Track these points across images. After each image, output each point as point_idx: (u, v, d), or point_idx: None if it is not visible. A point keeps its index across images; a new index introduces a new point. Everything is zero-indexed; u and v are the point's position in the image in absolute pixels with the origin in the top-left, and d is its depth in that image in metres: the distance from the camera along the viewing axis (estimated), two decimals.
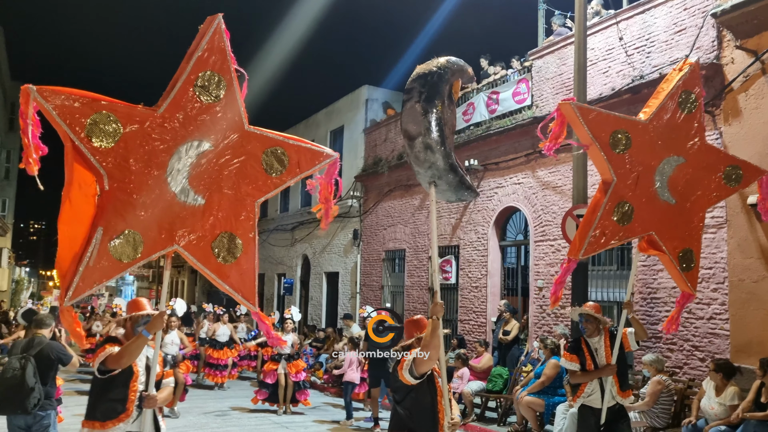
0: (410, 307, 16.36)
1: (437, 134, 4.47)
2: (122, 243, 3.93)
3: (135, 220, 4.00)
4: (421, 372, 4.34)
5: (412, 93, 4.58)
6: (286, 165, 4.53)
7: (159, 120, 4.09)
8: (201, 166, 4.24)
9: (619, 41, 10.85)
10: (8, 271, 37.00)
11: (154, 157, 4.07)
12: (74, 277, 3.78)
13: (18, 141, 36.66)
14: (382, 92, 20.25)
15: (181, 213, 4.20)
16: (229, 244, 4.34)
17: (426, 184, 4.71)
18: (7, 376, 5.72)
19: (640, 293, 10.23)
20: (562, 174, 11.94)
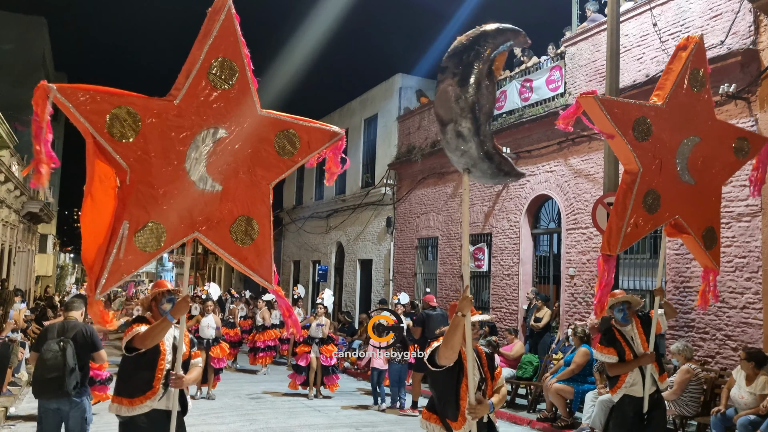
0: (443, 295, 16.46)
1: (470, 122, 4.11)
2: (147, 234, 3.98)
3: (158, 212, 4.04)
4: (441, 363, 4.29)
5: (446, 73, 4.21)
6: (297, 146, 4.61)
7: (176, 111, 4.10)
8: (217, 154, 4.28)
9: (654, 27, 10.72)
10: (53, 257, 38.13)
11: (173, 148, 4.10)
12: (103, 271, 3.84)
13: (62, 130, 37.59)
14: (415, 80, 20.28)
15: (201, 201, 4.25)
16: (247, 227, 4.43)
17: (460, 169, 4.49)
18: (47, 357, 5.72)
19: (673, 282, 10.16)
20: (594, 162, 11.88)
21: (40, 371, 5.76)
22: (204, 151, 4.21)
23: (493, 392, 4.57)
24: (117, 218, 3.93)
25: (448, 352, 4.21)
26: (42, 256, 34.18)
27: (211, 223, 4.31)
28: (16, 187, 20.23)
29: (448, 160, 16.77)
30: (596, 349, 6.23)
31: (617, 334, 6.03)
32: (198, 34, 4.18)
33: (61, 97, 3.70)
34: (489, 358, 4.65)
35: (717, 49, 9.62)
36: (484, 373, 4.52)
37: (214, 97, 4.21)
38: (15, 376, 11.57)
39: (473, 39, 4.15)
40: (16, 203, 22.01)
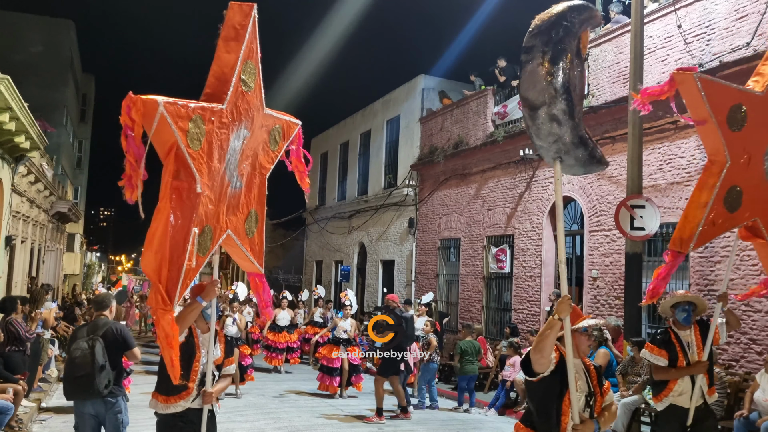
0: (465, 296, 16.49)
1: (565, 103, 3.75)
2: (203, 238, 3.99)
3: (210, 215, 4.05)
4: (536, 369, 3.86)
5: (533, 52, 3.79)
6: (280, 138, 4.82)
7: (222, 115, 4.04)
8: (243, 153, 4.38)
9: (678, 29, 10.67)
10: (80, 256, 38.75)
11: (220, 152, 4.10)
12: (177, 281, 3.73)
13: (89, 131, 38.18)
14: (438, 81, 20.33)
15: (231, 199, 4.34)
16: (253, 219, 4.65)
17: (549, 158, 4.08)
18: (75, 356, 5.56)
19: (697, 285, 10.11)
20: (617, 164, 11.85)
21: (69, 370, 5.62)
22: (237, 152, 4.27)
23: (602, 410, 4.10)
24: (181, 228, 3.80)
25: (538, 356, 3.81)
26: (70, 255, 34.76)
27: (235, 219, 4.43)
28: (46, 187, 20.63)
29: (470, 161, 16.93)
30: (647, 348, 5.79)
31: (673, 337, 5.63)
32: (221, 35, 4.12)
33: (165, 113, 3.53)
34: (597, 371, 4.16)
35: (743, 51, 9.56)
36: (593, 387, 4.02)
37: (244, 101, 4.25)
38: (45, 373, 11.83)
39: (559, 15, 3.78)
40: (46, 203, 22.43)
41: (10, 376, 8.51)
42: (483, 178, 16.06)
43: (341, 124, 25.88)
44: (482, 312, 15.78)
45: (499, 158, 15.36)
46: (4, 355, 8.81)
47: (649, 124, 10.65)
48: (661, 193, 10.83)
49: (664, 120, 10.89)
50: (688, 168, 10.48)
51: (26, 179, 17.26)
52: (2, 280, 14.85)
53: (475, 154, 16.28)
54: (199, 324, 4.69)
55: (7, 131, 12.29)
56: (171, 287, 3.71)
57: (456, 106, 17.67)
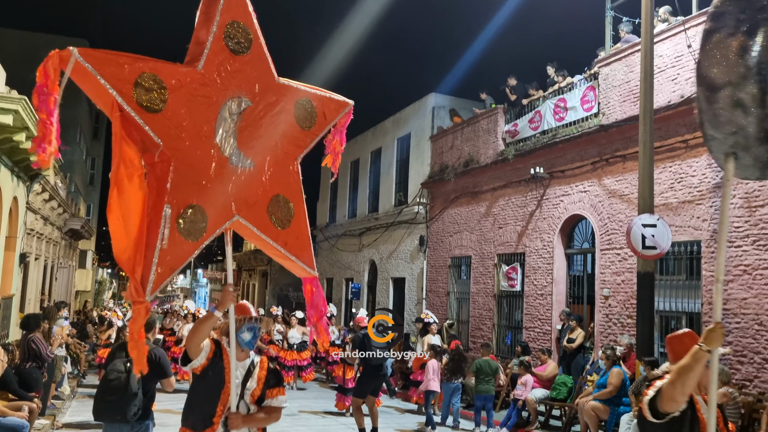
0: (476, 314, 16.47)
1: (757, 87, 3.08)
2: (189, 221, 3.51)
3: (197, 193, 3.57)
4: (665, 410, 3.30)
5: (724, 19, 3.12)
6: (314, 117, 4.19)
7: (200, 78, 3.62)
8: (246, 126, 3.85)
9: (688, 48, 10.73)
10: (92, 273, 38.96)
11: (203, 121, 3.63)
12: (149, 268, 3.33)
13: (102, 149, 38.52)
14: (448, 99, 20.45)
15: (236, 179, 3.79)
16: (283, 207, 4.01)
17: (720, 153, 3.37)
18: (110, 379, 5.46)
19: (710, 304, 10.08)
20: (628, 182, 11.87)
21: (102, 392, 5.53)
22: (233, 124, 3.77)
23: None
24: (153, 206, 3.43)
25: (677, 394, 3.23)
26: (81, 272, 34.95)
27: (248, 204, 3.86)
28: (59, 204, 20.83)
29: (481, 179, 17.02)
30: None
31: None
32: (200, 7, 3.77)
33: (85, 62, 3.15)
34: (721, 409, 3.64)
35: None
36: (720, 429, 3.48)
37: (233, 64, 3.78)
38: (58, 390, 11.91)
39: None
40: (59, 220, 22.63)
41: (25, 394, 8.57)
42: (494, 196, 16.10)
43: (352, 142, 26.03)
44: (493, 330, 15.74)
45: (510, 176, 15.41)
46: (22, 372, 8.88)
47: (659, 142, 10.69)
48: (673, 211, 10.83)
49: (675, 138, 10.92)
50: (700, 186, 10.49)
51: (40, 197, 17.46)
52: (16, 297, 14.97)
53: (486, 173, 16.33)
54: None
55: (23, 150, 12.47)
56: (145, 275, 3.34)
57: (466, 125, 17.76)
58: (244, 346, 4.07)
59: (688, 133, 10.73)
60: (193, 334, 3.93)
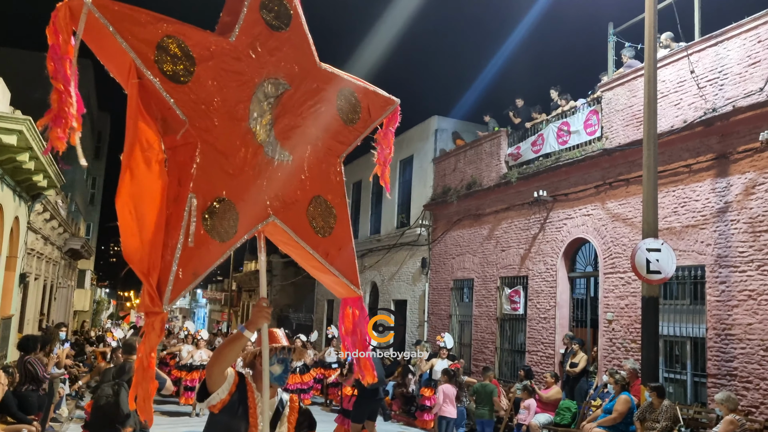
0: (478, 337, 16.37)
1: None
2: (218, 216, 2.91)
3: (226, 185, 2.98)
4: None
5: None
6: (359, 111, 3.65)
7: (233, 51, 3.06)
8: (283, 113, 3.28)
9: (691, 74, 10.78)
10: (90, 292, 38.82)
11: (234, 100, 3.06)
12: (168, 270, 2.71)
13: (103, 168, 38.61)
14: (451, 122, 20.51)
15: (272, 173, 3.20)
16: (324, 211, 3.43)
17: None
18: (101, 404, 5.52)
19: (714, 329, 10.02)
20: (632, 206, 11.86)
21: (94, 416, 5.59)
22: (268, 108, 3.21)
23: None
24: (175, 198, 2.83)
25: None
26: (80, 291, 34.84)
27: (286, 204, 3.25)
28: (60, 224, 20.80)
29: (484, 202, 17.10)
30: None
31: None
32: None
33: (99, 15, 2.57)
34: None
35: (756, 96, 9.64)
36: None
37: (270, 40, 3.23)
38: (56, 413, 11.79)
39: None
40: (59, 240, 22.58)
41: (24, 417, 8.49)
42: (496, 219, 16.08)
43: (354, 163, 26.07)
44: (495, 354, 15.64)
45: (513, 199, 15.40)
46: (21, 395, 8.80)
47: (663, 167, 10.70)
48: (676, 236, 10.81)
49: (678, 163, 10.93)
50: (703, 211, 10.47)
51: (41, 217, 17.44)
52: (15, 317, 14.89)
53: (489, 195, 16.33)
54: (259, 384, 3.33)
55: (26, 170, 12.47)
56: (163, 279, 2.73)
57: (469, 147, 17.80)
58: (273, 382, 3.34)
59: (691, 157, 10.75)
60: (217, 358, 3.17)
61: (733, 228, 9.95)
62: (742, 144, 9.91)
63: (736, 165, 10.02)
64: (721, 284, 9.99)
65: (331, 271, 3.45)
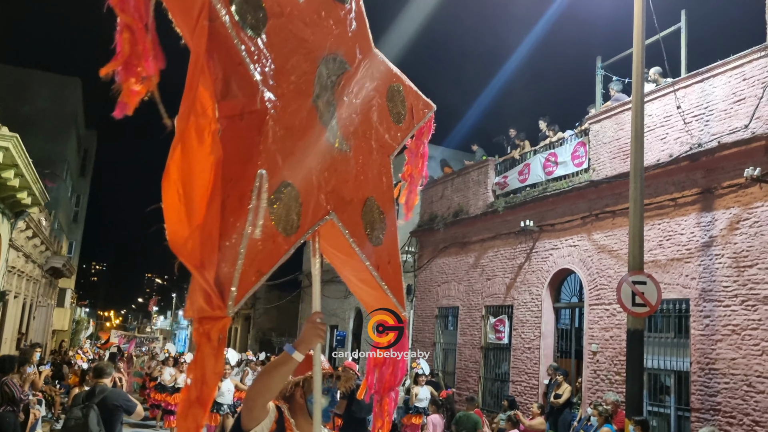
0: (462, 366, 16.29)
1: None
2: (284, 204, 2.42)
3: (292, 167, 2.48)
4: None
5: None
6: (404, 110, 3.22)
7: (300, 13, 2.59)
8: (343, 95, 2.83)
9: (677, 109, 10.92)
10: (70, 312, 38.31)
11: (301, 69, 2.58)
12: (232, 264, 2.17)
13: (88, 186, 38.40)
14: (439, 150, 20.62)
15: (331, 164, 2.73)
16: (376, 216, 2.96)
17: None
18: (69, 425, 5.50)
19: (698, 363, 10.03)
20: (618, 238, 11.92)
21: None
22: (330, 87, 2.75)
23: None
24: (234, 178, 2.27)
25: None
26: (60, 310, 34.38)
27: (344, 202, 2.79)
28: (42, 242, 20.57)
29: (470, 230, 17.11)
30: None
31: None
32: None
33: None
34: None
35: (741, 133, 9.77)
36: None
37: (334, 11, 2.81)
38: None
39: None
40: (41, 258, 22.32)
41: None
42: (483, 248, 16.10)
43: None
44: (479, 383, 15.55)
45: (499, 228, 15.44)
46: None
47: (649, 200, 10.78)
48: (661, 269, 10.86)
49: (664, 196, 11.03)
50: (688, 245, 10.55)
51: (24, 234, 17.24)
52: None
53: (475, 224, 16.37)
54: (299, 420, 2.87)
55: (10, 187, 12.36)
56: (224, 275, 2.17)
57: (457, 175, 17.88)
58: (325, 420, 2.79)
59: (676, 191, 10.86)
60: (260, 388, 2.58)
61: (717, 262, 10.02)
62: (727, 179, 10.02)
63: (721, 200, 10.13)
64: (706, 318, 10.04)
65: (381, 286, 2.96)
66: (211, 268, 2.14)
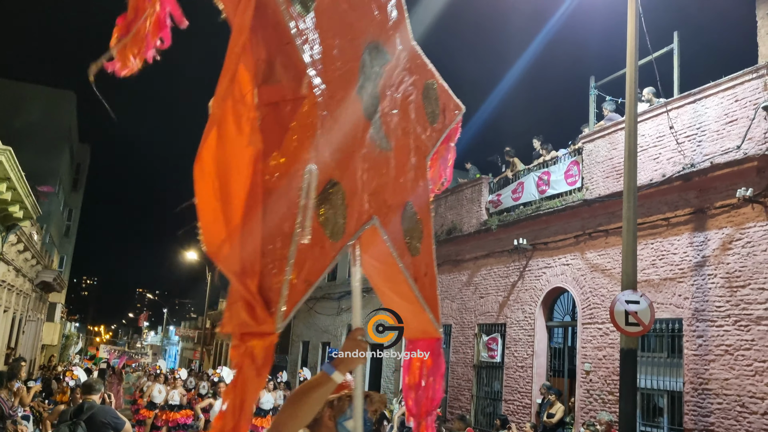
0: (454, 384, 16.21)
1: None
2: (331, 205, 2.17)
3: (339, 164, 2.23)
4: None
5: None
6: (437, 110, 3.01)
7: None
8: (385, 88, 2.60)
9: (670, 129, 10.99)
10: (60, 326, 38.00)
11: (347, 55, 2.31)
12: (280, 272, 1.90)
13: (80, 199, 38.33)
14: None
15: (374, 163, 2.46)
16: (415, 223, 2.73)
17: None
18: None
19: (691, 383, 10.01)
20: (610, 257, 11.94)
21: None
22: (373, 78, 2.49)
23: None
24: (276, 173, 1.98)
25: None
26: (49, 325, 34.10)
27: (387, 207, 2.54)
28: (33, 256, 20.44)
29: (463, 248, 17.11)
30: None
31: None
32: None
33: None
34: None
35: (733, 154, 9.83)
36: None
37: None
38: None
39: None
40: (32, 272, 22.16)
41: None
42: (476, 266, 16.09)
43: None
44: (471, 401, 15.47)
45: (493, 246, 15.44)
46: None
47: (641, 219, 10.81)
48: (654, 288, 10.87)
49: (657, 216, 11.07)
50: (681, 265, 10.57)
51: (15, 248, 17.14)
52: None
53: (469, 241, 16.36)
54: None
55: (2, 200, 12.30)
56: (271, 284, 1.90)
57: (450, 193, 17.90)
58: None
59: (669, 211, 10.90)
60: (295, 411, 2.21)
61: (710, 282, 10.03)
62: (719, 200, 10.07)
63: (714, 220, 10.16)
64: (699, 338, 10.03)
65: (418, 300, 2.72)
66: (253, 276, 1.88)
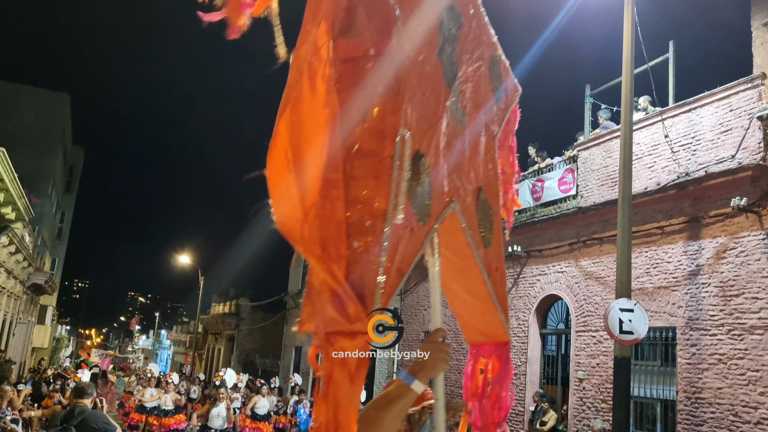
0: (448, 391, 16.13)
1: None
2: (417, 181, 1.83)
3: (423, 133, 1.90)
4: None
5: None
6: (503, 92, 2.67)
7: None
8: (462, 54, 2.25)
9: (665, 138, 11.02)
10: (51, 329, 37.77)
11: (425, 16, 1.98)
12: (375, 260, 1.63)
13: (73, 202, 38.12)
14: None
15: (451, 138, 2.11)
16: (487, 211, 2.40)
17: None
18: None
19: (685, 392, 10.01)
20: (605, 265, 11.94)
21: None
22: (450, 41, 2.14)
23: None
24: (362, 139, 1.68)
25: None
26: (40, 328, 33.88)
27: (465, 191, 2.22)
28: (25, 258, 20.31)
29: None
30: None
31: None
32: None
33: None
34: None
35: (728, 163, 9.85)
36: None
37: None
38: None
39: None
40: (23, 274, 22.03)
41: None
42: None
43: None
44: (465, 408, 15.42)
45: None
46: None
47: (636, 227, 10.82)
48: (648, 296, 10.87)
49: (651, 224, 11.08)
50: (675, 273, 10.57)
51: (6, 250, 17.03)
52: None
53: None
54: None
55: None
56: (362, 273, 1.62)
57: None
58: None
59: (663, 219, 10.91)
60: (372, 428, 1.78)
61: (704, 291, 10.04)
62: (714, 209, 10.09)
63: (708, 229, 10.18)
64: (692, 347, 10.03)
65: (491, 298, 2.37)
66: (340, 263, 1.57)
